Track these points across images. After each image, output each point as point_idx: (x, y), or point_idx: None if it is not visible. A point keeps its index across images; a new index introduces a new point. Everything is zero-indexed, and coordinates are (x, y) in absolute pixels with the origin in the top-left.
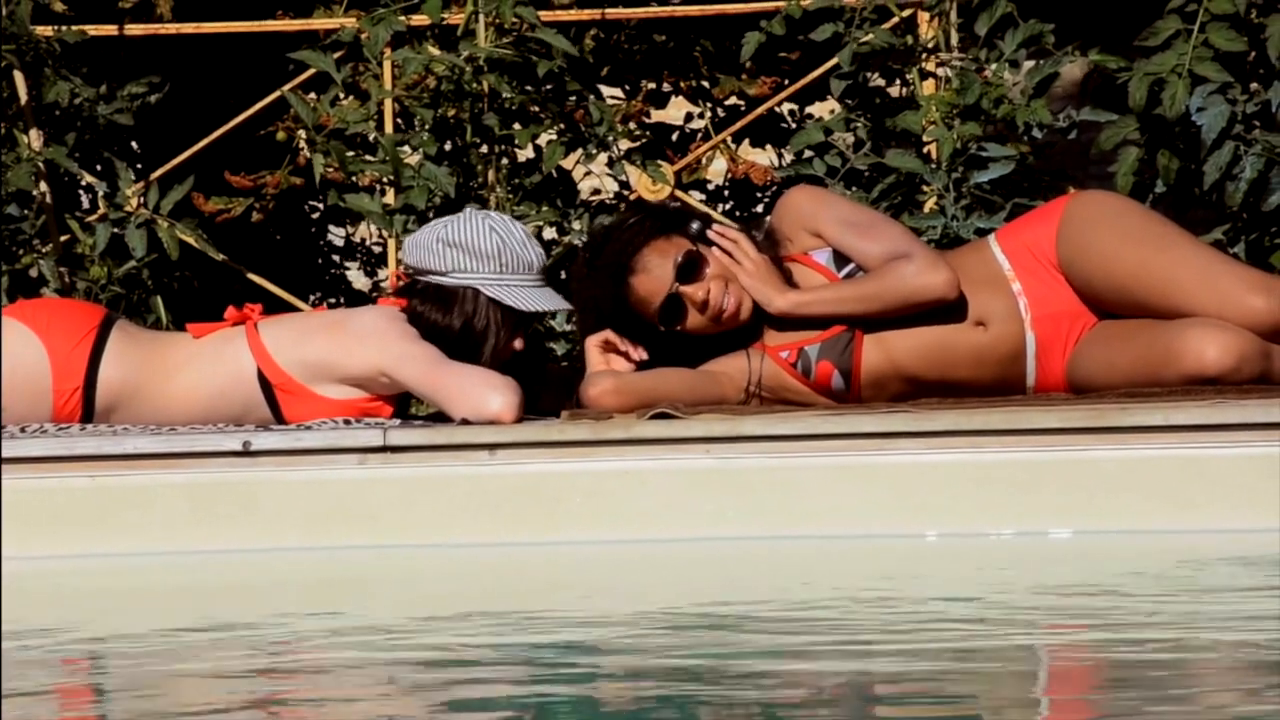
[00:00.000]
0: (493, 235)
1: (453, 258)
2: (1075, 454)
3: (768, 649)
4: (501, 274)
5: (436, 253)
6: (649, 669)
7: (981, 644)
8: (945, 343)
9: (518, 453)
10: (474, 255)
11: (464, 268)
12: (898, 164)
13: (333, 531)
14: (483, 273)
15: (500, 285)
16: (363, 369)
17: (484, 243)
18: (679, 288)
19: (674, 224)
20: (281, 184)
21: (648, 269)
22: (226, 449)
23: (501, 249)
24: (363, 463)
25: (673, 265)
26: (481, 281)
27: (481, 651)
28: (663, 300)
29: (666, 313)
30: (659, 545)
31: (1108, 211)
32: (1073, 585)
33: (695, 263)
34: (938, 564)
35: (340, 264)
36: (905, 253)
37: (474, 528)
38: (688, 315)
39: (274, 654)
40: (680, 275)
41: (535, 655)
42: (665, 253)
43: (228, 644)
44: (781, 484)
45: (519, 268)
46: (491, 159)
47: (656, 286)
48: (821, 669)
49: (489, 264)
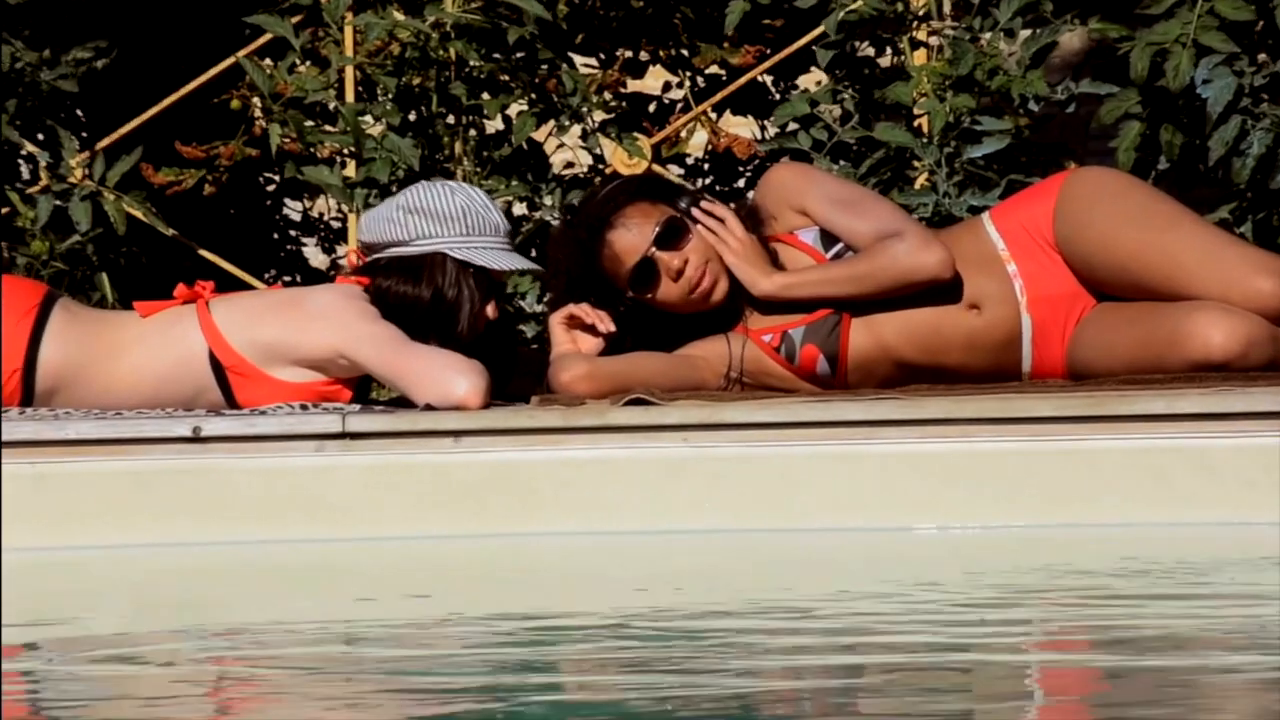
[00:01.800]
0: (455, 197)
1: (415, 224)
2: (1073, 444)
3: (748, 647)
4: (469, 235)
5: (397, 221)
6: (624, 667)
7: (974, 643)
8: (936, 326)
9: (485, 440)
10: (438, 218)
11: (428, 233)
12: (887, 138)
13: (288, 523)
14: (449, 236)
15: (469, 247)
16: (320, 350)
17: (447, 204)
18: (655, 252)
19: (663, 192)
20: (236, 155)
21: (627, 225)
22: (175, 435)
23: (467, 209)
24: (320, 450)
25: (654, 227)
26: (449, 245)
27: (448, 650)
28: (637, 262)
29: (638, 276)
30: (634, 538)
31: (1108, 189)
32: (1069, 582)
33: (677, 229)
34: (928, 559)
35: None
36: (897, 231)
37: (438, 519)
38: (660, 283)
39: (225, 654)
40: (660, 239)
41: (504, 654)
42: (648, 215)
43: (175, 644)
44: (763, 474)
45: (486, 229)
46: (458, 130)
47: (632, 245)
48: (804, 667)
49: (455, 225)
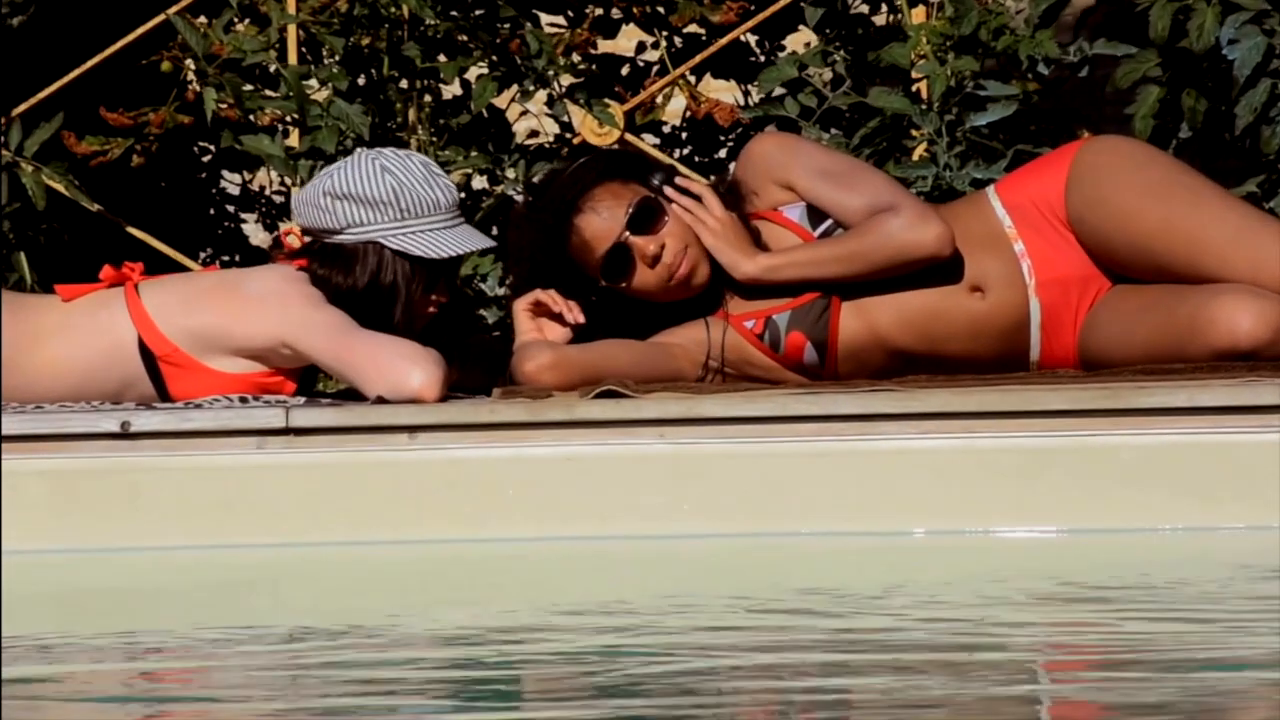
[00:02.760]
0: (385, 178)
1: (344, 211)
2: (1086, 440)
3: (728, 664)
4: (403, 220)
5: (327, 208)
6: (592, 684)
7: (976, 658)
8: (936, 311)
9: (442, 436)
10: (367, 205)
11: (358, 220)
12: (882, 104)
13: (226, 527)
14: (380, 223)
15: (404, 234)
16: (261, 338)
17: (376, 188)
18: (629, 237)
19: (633, 170)
20: (167, 122)
21: (596, 209)
22: (102, 431)
23: (398, 192)
24: (261, 447)
25: (625, 210)
26: (382, 233)
27: (399, 665)
28: (608, 248)
29: (610, 264)
30: (605, 543)
31: (1125, 160)
32: (1081, 591)
33: (652, 211)
34: (927, 566)
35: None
36: (890, 205)
37: (391, 523)
38: (634, 271)
39: (155, 671)
40: (632, 223)
41: (461, 672)
42: (619, 196)
43: (101, 658)
44: (746, 474)
45: (423, 209)
46: (412, 96)
47: (603, 231)
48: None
49: (386, 212)
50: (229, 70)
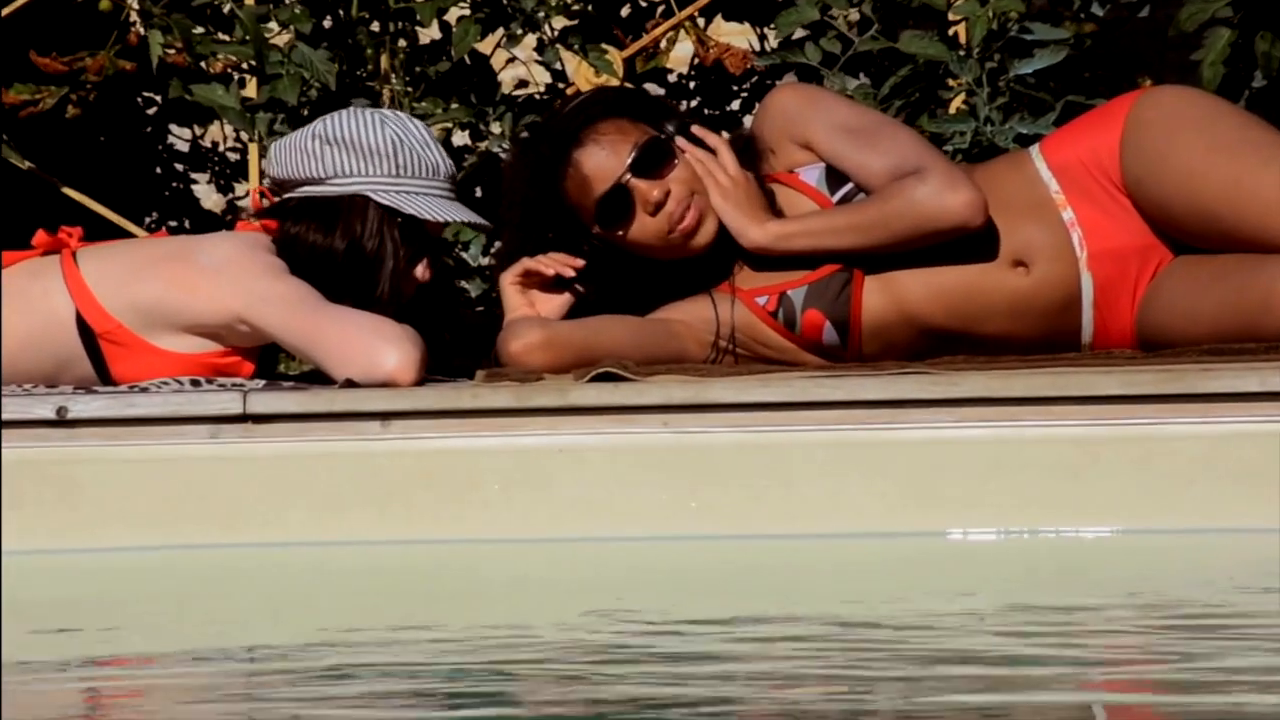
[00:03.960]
0: (385, 128)
1: (334, 157)
2: (1143, 429)
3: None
4: (398, 177)
5: (313, 152)
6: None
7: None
8: (973, 288)
9: (419, 424)
10: (361, 153)
11: (349, 170)
12: (915, 50)
13: (176, 525)
14: (373, 175)
15: (398, 190)
16: (215, 314)
17: (374, 137)
18: (630, 179)
19: (646, 111)
20: (106, 69)
21: (600, 143)
22: (35, 417)
23: (398, 145)
24: (215, 436)
25: (631, 148)
26: (372, 186)
27: (369, 677)
28: (607, 189)
29: (608, 206)
30: (601, 544)
31: (1189, 113)
32: (1138, 600)
33: (660, 153)
34: (962, 570)
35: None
36: (916, 167)
37: (361, 520)
38: (633, 217)
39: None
40: (637, 164)
41: (439, 685)
42: (626, 133)
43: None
44: (760, 466)
45: (421, 170)
46: (384, 40)
47: (604, 168)
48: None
49: (382, 163)
50: (177, 10)
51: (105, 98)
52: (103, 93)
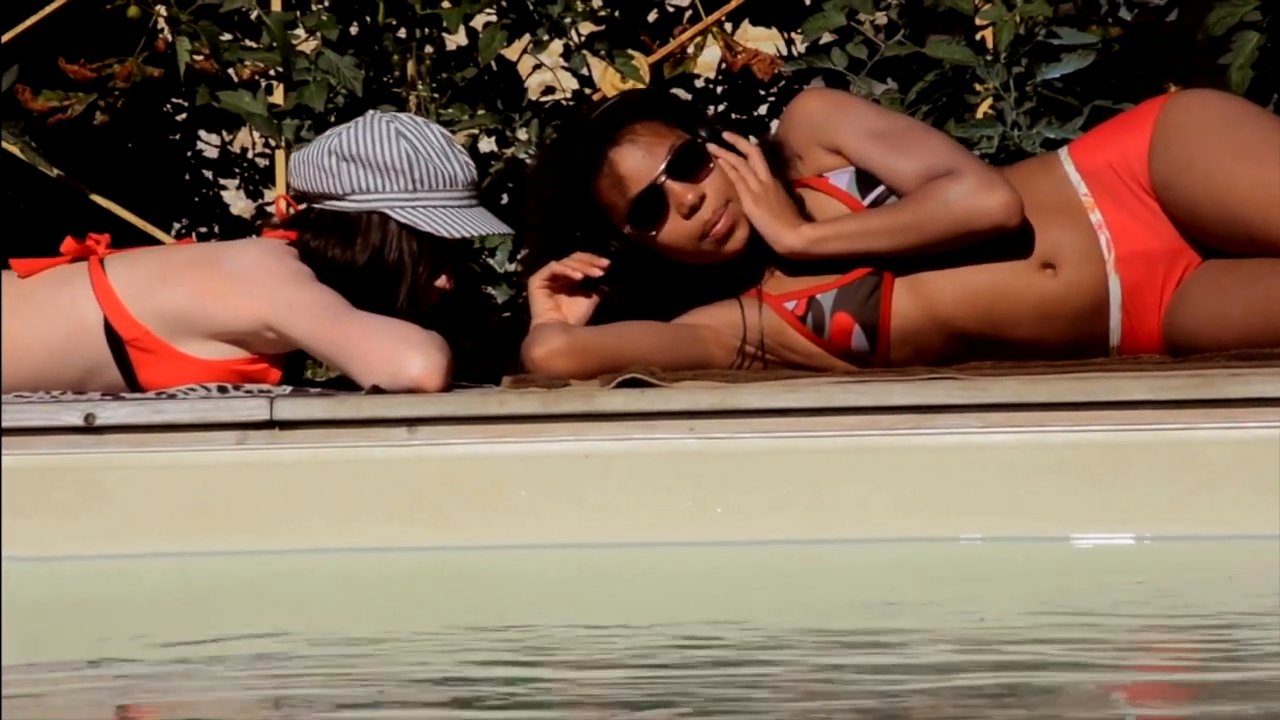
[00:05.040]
0: (400, 142)
1: (350, 175)
2: (1171, 434)
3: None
4: (415, 192)
5: (329, 169)
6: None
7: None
8: (1001, 291)
9: (445, 430)
10: (377, 170)
11: (365, 187)
12: (942, 55)
13: (203, 532)
14: (390, 192)
15: (414, 207)
16: (242, 321)
17: (389, 152)
18: (666, 180)
19: (679, 115)
20: (134, 76)
21: (636, 144)
22: (63, 424)
23: (413, 160)
24: (243, 442)
25: (667, 150)
26: (389, 203)
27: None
28: (642, 189)
29: (641, 207)
30: (627, 551)
31: (1218, 117)
32: (1164, 608)
33: (696, 158)
34: (989, 577)
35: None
36: (950, 169)
37: (386, 528)
38: (666, 219)
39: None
40: (673, 166)
41: (464, 690)
42: (662, 136)
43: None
44: (787, 473)
45: (438, 183)
46: (411, 47)
47: (640, 169)
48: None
49: (398, 180)
50: (204, 17)
51: (133, 104)
52: (131, 99)
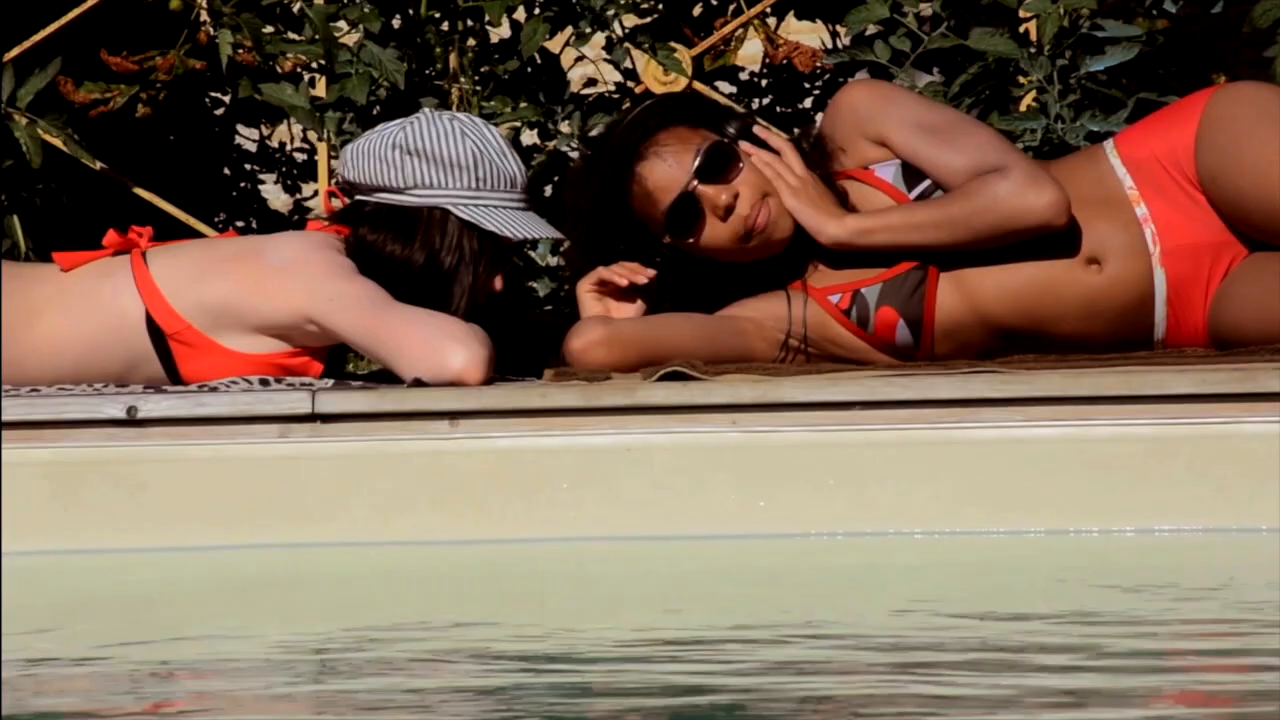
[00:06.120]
0: (466, 141)
1: (415, 169)
2: (1216, 428)
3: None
4: (478, 191)
5: (392, 162)
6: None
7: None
8: (1046, 286)
9: (487, 423)
10: (443, 166)
11: (429, 182)
12: (985, 47)
13: (244, 525)
14: (454, 188)
15: (477, 205)
16: (284, 314)
17: (455, 149)
18: (697, 185)
19: (703, 115)
20: (176, 68)
21: (661, 155)
22: (105, 417)
23: (479, 158)
24: (284, 435)
25: (694, 156)
26: (453, 200)
27: (437, 678)
28: (674, 199)
29: (676, 215)
30: (669, 544)
31: (1265, 109)
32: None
33: (724, 157)
34: (1035, 570)
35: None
36: (998, 164)
37: (428, 520)
38: (704, 225)
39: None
40: (702, 170)
41: (505, 685)
42: (687, 141)
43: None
44: (830, 466)
45: (499, 183)
46: (453, 39)
47: (669, 179)
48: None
49: (462, 177)
50: (247, 9)
51: (175, 97)
52: (172, 92)
